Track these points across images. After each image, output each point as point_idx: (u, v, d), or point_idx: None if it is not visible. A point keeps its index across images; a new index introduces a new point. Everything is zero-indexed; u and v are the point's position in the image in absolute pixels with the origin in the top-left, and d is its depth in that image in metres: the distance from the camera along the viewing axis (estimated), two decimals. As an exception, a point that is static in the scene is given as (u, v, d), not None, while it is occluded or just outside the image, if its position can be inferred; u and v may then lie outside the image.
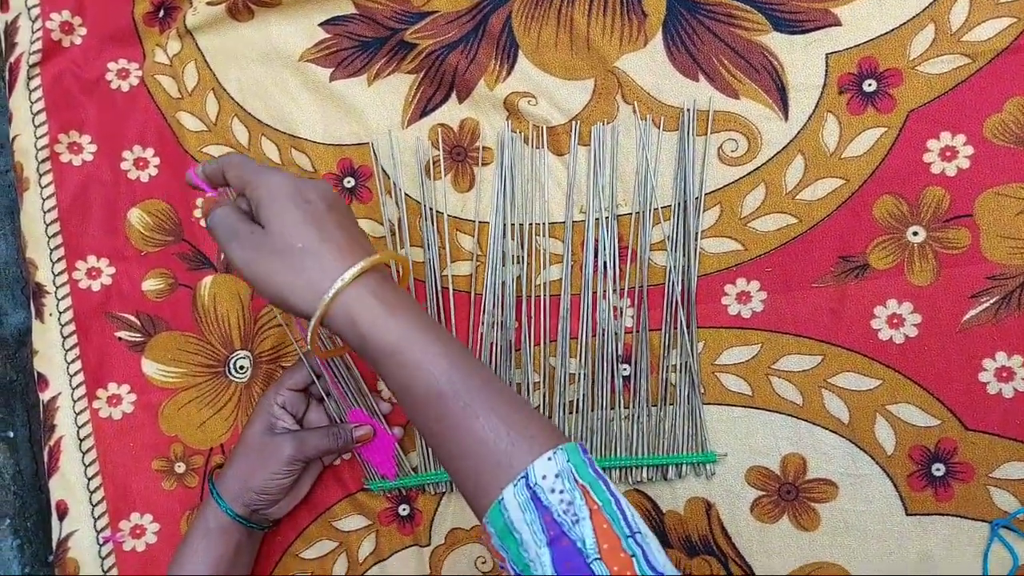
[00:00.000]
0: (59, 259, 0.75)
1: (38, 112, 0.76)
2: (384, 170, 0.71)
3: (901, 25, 0.63)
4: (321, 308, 0.49)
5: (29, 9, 0.77)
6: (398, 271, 0.68)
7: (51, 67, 0.76)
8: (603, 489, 0.47)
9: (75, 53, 0.77)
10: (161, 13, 0.76)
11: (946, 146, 0.62)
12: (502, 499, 0.46)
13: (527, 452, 0.47)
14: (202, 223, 0.73)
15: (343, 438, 0.67)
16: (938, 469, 0.62)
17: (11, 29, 0.77)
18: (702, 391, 0.66)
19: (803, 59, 0.64)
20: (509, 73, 0.69)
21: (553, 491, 0.46)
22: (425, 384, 0.49)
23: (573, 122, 0.68)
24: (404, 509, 0.70)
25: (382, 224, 0.71)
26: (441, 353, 0.50)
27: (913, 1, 0.62)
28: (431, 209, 0.70)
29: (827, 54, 0.64)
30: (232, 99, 0.74)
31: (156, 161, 0.76)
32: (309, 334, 0.51)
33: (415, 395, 0.50)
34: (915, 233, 0.62)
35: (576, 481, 0.46)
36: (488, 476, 0.47)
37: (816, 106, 0.64)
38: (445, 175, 0.70)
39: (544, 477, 0.46)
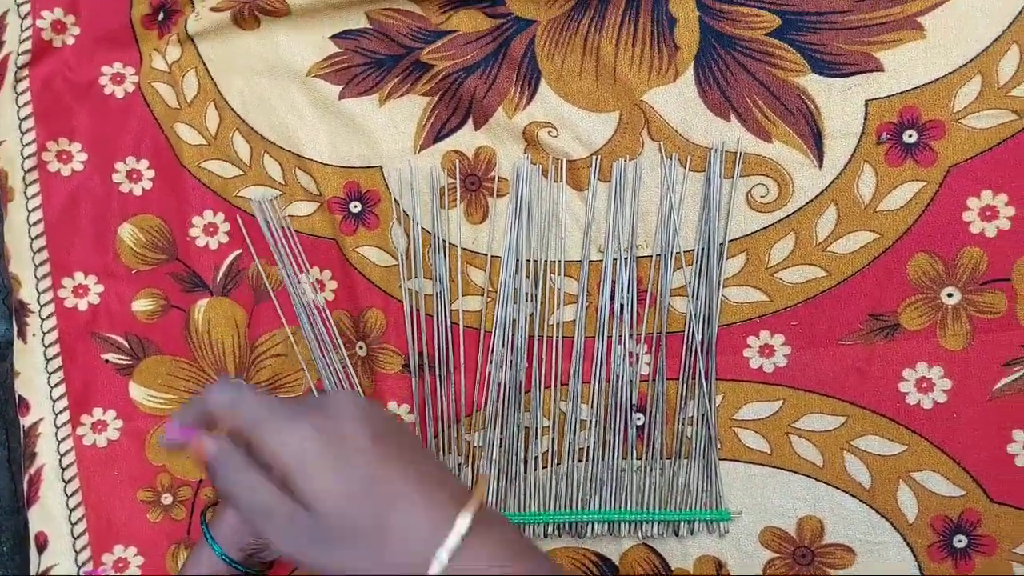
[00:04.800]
0: (44, 275, 0.71)
1: (25, 117, 0.71)
2: (395, 197, 0.67)
3: (946, 75, 0.60)
4: None
5: (19, 6, 0.72)
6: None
7: (41, 69, 0.71)
8: None
9: (67, 54, 0.72)
10: (161, 16, 0.72)
11: (987, 205, 0.59)
12: None
13: None
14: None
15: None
16: (960, 540, 0.60)
17: (-2, 25, 0.72)
18: (719, 446, 0.63)
19: (841, 104, 0.61)
20: (530, 101, 0.66)
21: None
22: None
23: (594, 157, 0.65)
24: (401, 551, 0.67)
25: (389, 253, 0.67)
26: None
27: (960, 51, 0.59)
28: (442, 240, 0.67)
29: (867, 100, 0.61)
30: (234, 112, 0.70)
31: (151, 174, 0.71)
32: None
33: None
34: (950, 295, 0.60)
35: None
36: None
37: (852, 154, 0.61)
38: (457, 205, 0.67)
39: None
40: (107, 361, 0.71)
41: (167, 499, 0.70)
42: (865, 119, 0.61)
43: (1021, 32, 0.58)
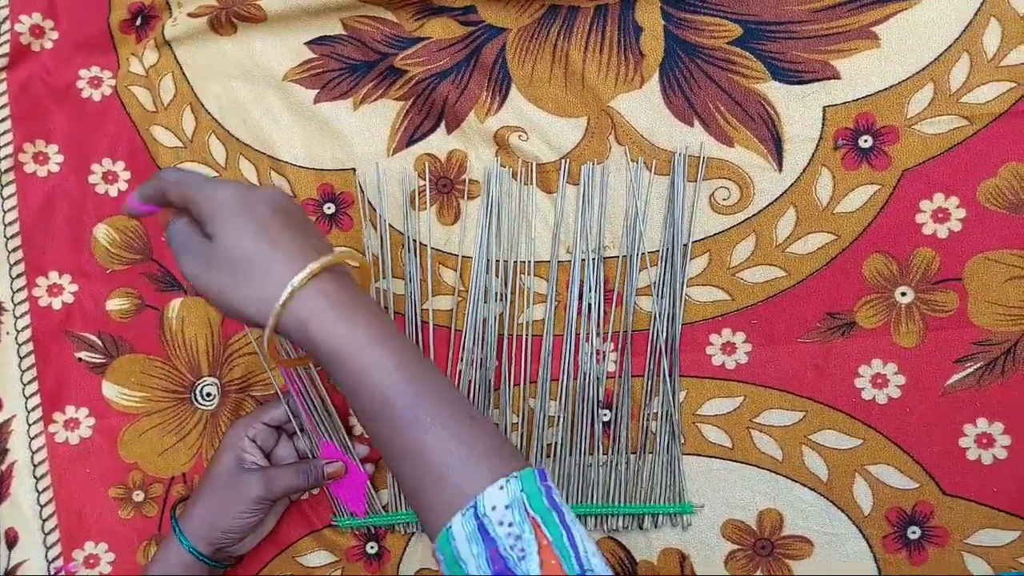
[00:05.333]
0: (19, 275, 0.71)
1: (2, 119, 0.72)
2: (368, 199, 0.69)
3: (900, 82, 0.62)
4: (273, 317, 0.47)
5: (-3, 10, 0.73)
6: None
7: (19, 73, 0.73)
8: (556, 522, 0.45)
9: (45, 58, 0.73)
10: (138, 21, 0.73)
11: (939, 207, 0.61)
12: (450, 527, 0.45)
13: (478, 477, 0.46)
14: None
15: (314, 475, 0.65)
16: (913, 532, 0.62)
17: (-23, 29, 0.73)
18: (682, 441, 0.65)
19: (800, 110, 0.63)
20: (500, 106, 0.67)
21: (502, 523, 0.44)
22: (371, 390, 0.47)
23: (563, 160, 0.67)
24: (372, 547, 0.69)
25: (363, 254, 0.69)
26: (390, 358, 0.48)
27: (913, 59, 0.62)
28: (414, 241, 0.68)
29: (824, 107, 0.63)
30: (210, 115, 0.72)
31: (127, 176, 0.73)
32: (266, 343, 0.49)
33: (362, 401, 0.48)
34: (903, 294, 0.62)
35: (527, 513, 0.45)
36: (437, 499, 0.46)
37: (811, 159, 0.64)
38: (430, 207, 0.69)
39: (493, 508, 0.45)
40: (80, 359, 0.71)
41: (139, 496, 0.71)
42: (823, 125, 0.63)
43: (972, 41, 0.61)
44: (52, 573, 0.69)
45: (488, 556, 0.44)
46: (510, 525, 0.44)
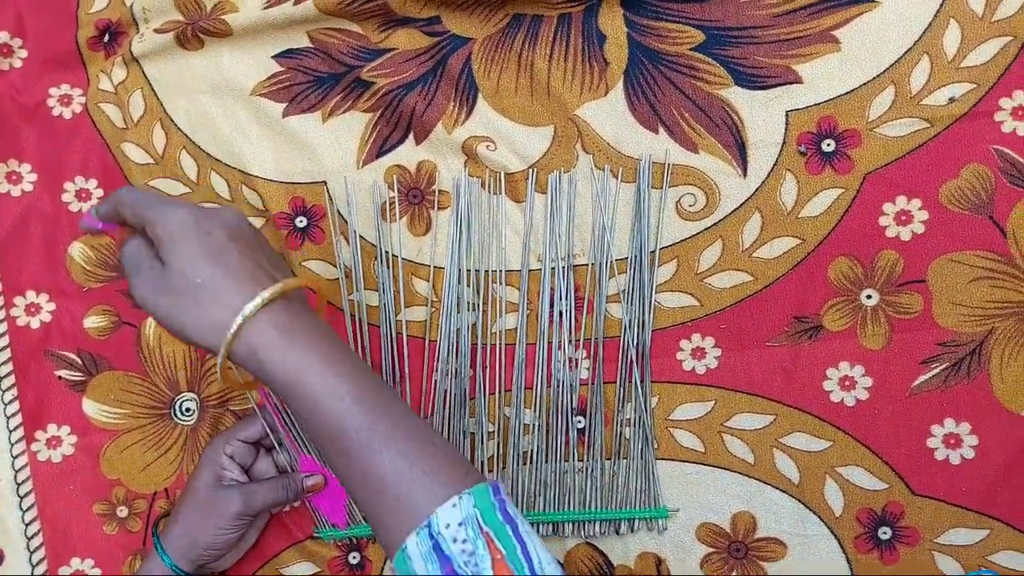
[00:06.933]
0: (-4, 295, 0.72)
1: (-25, 140, 0.72)
2: (339, 211, 0.69)
3: (861, 85, 0.62)
4: (225, 346, 0.47)
5: (-35, 30, 0.73)
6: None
7: (-12, 92, 0.73)
8: (508, 535, 0.46)
9: (14, 77, 0.73)
10: (106, 38, 0.73)
11: (902, 210, 0.62)
12: (405, 547, 0.46)
13: (432, 497, 0.46)
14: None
15: (293, 489, 0.66)
16: (884, 532, 0.63)
17: (-54, 49, 0.74)
18: (655, 446, 0.66)
19: (763, 115, 0.64)
20: (468, 116, 0.68)
21: (455, 540, 0.45)
22: (324, 417, 0.48)
23: (531, 169, 0.67)
24: (354, 557, 0.69)
25: (335, 266, 0.69)
26: (343, 385, 0.48)
27: (873, 62, 0.62)
28: (386, 252, 0.69)
29: (787, 111, 0.63)
30: (180, 131, 0.72)
31: (99, 193, 0.73)
32: (219, 372, 0.49)
33: (316, 429, 0.49)
34: (869, 296, 0.63)
35: (480, 528, 0.46)
36: (392, 520, 0.47)
37: (775, 163, 0.64)
38: (400, 218, 0.69)
39: (447, 526, 0.45)
40: (60, 378, 0.72)
41: (123, 512, 0.71)
42: (786, 129, 0.63)
43: (932, 43, 0.61)
44: (39, 589, 0.70)
45: (444, 574, 0.44)
46: (464, 542, 0.45)
